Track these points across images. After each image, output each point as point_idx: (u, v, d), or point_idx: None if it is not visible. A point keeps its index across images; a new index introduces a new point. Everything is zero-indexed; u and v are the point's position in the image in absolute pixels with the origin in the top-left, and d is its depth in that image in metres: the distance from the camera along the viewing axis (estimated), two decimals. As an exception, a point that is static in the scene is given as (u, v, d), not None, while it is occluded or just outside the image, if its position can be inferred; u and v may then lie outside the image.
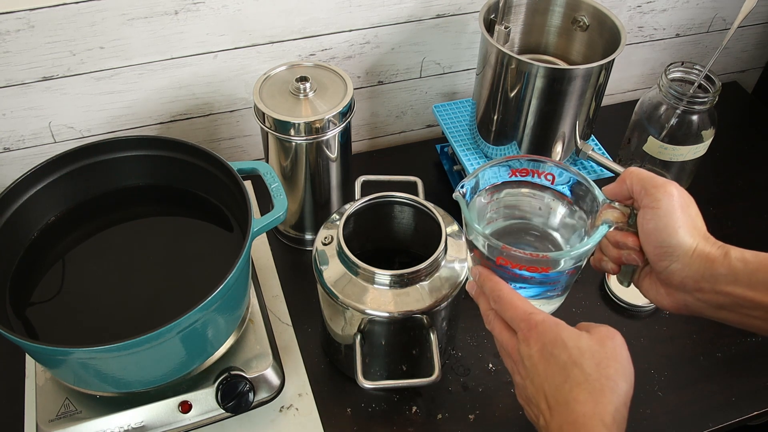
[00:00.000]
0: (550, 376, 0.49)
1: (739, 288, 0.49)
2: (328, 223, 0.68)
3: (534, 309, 0.52)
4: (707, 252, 0.50)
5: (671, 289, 0.52)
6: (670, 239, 0.50)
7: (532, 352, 0.50)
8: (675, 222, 0.50)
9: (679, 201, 0.51)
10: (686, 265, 0.50)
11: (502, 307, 0.53)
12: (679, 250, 0.50)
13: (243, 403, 0.65)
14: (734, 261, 0.49)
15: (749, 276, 0.48)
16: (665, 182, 0.52)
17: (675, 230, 0.50)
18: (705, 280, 0.50)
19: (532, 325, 0.51)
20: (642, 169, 0.54)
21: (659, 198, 0.51)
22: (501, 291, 0.53)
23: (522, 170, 0.59)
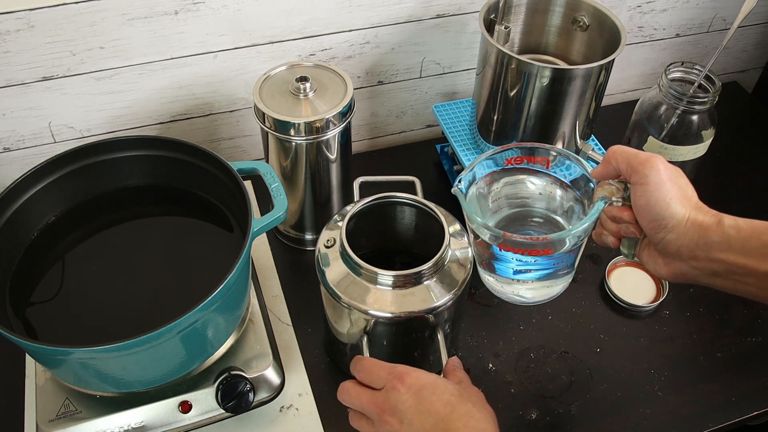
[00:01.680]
0: (434, 411, 0.51)
1: (732, 255, 0.50)
2: (330, 225, 0.68)
3: (394, 365, 0.55)
4: (700, 220, 0.51)
5: (668, 258, 0.53)
6: (662, 212, 0.51)
7: (405, 397, 0.52)
8: (665, 195, 0.51)
9: (667, 174, 0.52)
10: (681, 235, 0.51)
11: (366, 368, 0.56)
12: (673, 221, 0.51)
13: (243, 403, 0.65)
14: (727, 228, 0.50)
15: (742, 243, 0.49)
16: (649, 157, 0.52)
17: (666, 203, 0.51)
18: (699, 248, 0.50)
19: (400, 375, 0.53)
20: (624, 146, 0.54)
21: (646, 174, 0.52)
22: (362, 359, 0.57)
23: (517, 158, 0.60)
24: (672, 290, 0.82)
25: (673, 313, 0.81)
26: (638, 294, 0.81)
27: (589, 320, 0.80)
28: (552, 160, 0.59)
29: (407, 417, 0.51)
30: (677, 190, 0.51)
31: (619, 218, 0.55)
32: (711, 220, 0.51)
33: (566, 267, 0.59)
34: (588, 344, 0.78)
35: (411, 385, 0.52)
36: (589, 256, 0.87)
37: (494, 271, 0.60)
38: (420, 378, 0.53)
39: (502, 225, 0.62)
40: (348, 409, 0.58)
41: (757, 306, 0.82)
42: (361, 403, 0.55)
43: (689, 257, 0.51)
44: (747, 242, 0.49)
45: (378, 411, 0.53)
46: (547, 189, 0.61)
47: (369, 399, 0.54)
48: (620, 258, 0.85)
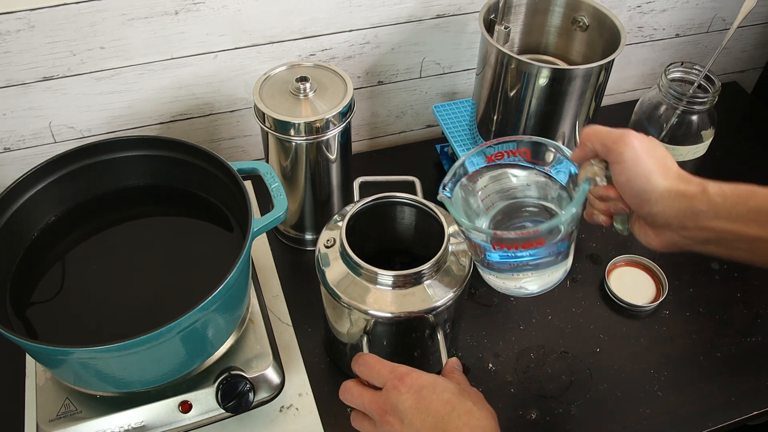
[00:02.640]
0: (434, 411, 0.51)
1: (721, 222, 0.49)
2: (330, 225, 0.68)
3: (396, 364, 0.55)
4: (684, 190, 0.50)
5: (658, 230, 0.53)
6: (644, 186, 0.51)
7: (405, 397, 0.52)
8: (643, 169, 0.51)
9: (643, 148, 0.51)
10: (666, 207, 0.51)
11: (368, 364, 0.56)
12: (655, 194, 0.51)
13: (243, 403, 0.65)
14: (713, 196, 0.49)
15: (729, 210, 0.49)
16: (623, 134, 0.52)
17: (646, 177, 0.51)
18: (687, 217, 0.50)
19: (400, 375, 0.53)
20: (598, 126, 0.54)
21: (621, 152, 0.51)
22: (364, 355, 0.57)
23: (497, 154, 0.60)
24: (672, 290, 0.82)
25: (673, 313, 0.81)
26: (638, 294, 0.81)
27: (589, 320, 0.80)
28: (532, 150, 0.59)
29: (408, 417, 0.51)
30: (655, 162, 0.51)
31: (606, 197, 0.55)
32: (695, 189, 0.50)
33: (564, 253, 0.59)
34: (588, 344, 0.78)
35: (411, 385, 0.52)
36: (589, 256, 0.87)
37: (493, 268, 0.60)
38: (420, 378, 0.53)
39: (498, 219, 0.62)
40: (350, 410, 0.58)
41: (757, 306, 0.82)
42: (363, 403, 0.55)
43: (679, 227, 0.51)
44: (734, 209, 0.49)
45: (379, 411, 0.53)
46: (533, 178, 0.61)
47: (370, 399, 0.54)
48: (620, 258, 0.85)
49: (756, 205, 0.48)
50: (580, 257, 0.86)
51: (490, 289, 0.82)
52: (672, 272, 0.84)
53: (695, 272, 0.85)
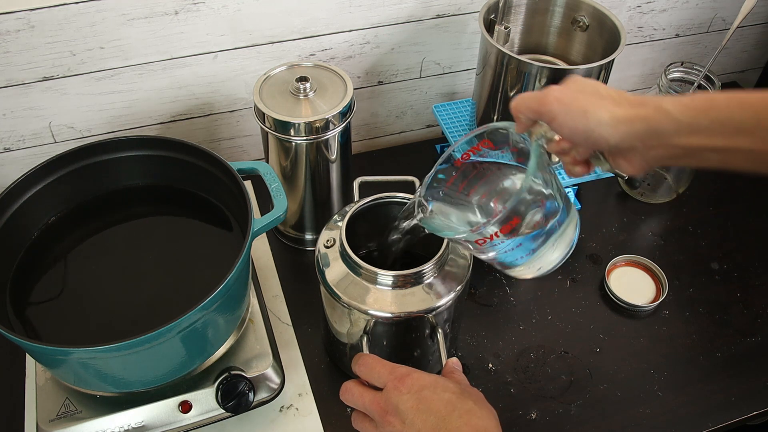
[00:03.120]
0: (435, 411, 0.51)
1: (684, 138, 0.48)
2: (329, 225, 0.68)
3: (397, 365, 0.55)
4: (634, 114, 0.49)
5: (628, 156, 0.52)
6: (587, 129, 0.50)
7: (406, 397, 0.52)
8: (578, 114, 0.50)
9: (568, 95, 0.51)
10: (623, 134, 0.50)
11: (368, 364, 0.56)
12: (603, 128, 0.50)
13: (243, 403, 0.65)
14: (672, 113, 0.48)
15: (690, 125, 0.48)
16: (544, 94, 0.52)
17: (585, 119, 0.50)
18: (651, 138, 0.49)
19: (401, 376, 0.53)
20: (521, 94, 0.54)
21: (549, 110, 0.51)
22: (365, 356, 0.57)
23: (463, 156, 0.60)
24: (672, 290, 0.82)
25: (673, 313, 0.81)
26: (638, 294, 0.81)
27: (589, 320, 0.80)
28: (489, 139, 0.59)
29: (409, 417, 0.51)
30: (587, 101, 0.50)
31: (566, 149, 0.54)
32: (647, 110, 0.49)
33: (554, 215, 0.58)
34: (588, 344, 0.78)
35: (412, 385, 0.52)
36: (589, 256, 0.87)
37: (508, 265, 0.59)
38: (421, 378, 0.53)
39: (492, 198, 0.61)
40: (351, 410, 0.58)
41: (757, 306, 0.82)
42: (364, 404, 0.55)
43: (645, 149, 0.50)
44: (695, 122, 0.47)
45: (380, 412, 0.53)
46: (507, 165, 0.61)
47: (371, 399, 0.54)
48: (620, 258, 0.85)
49: (717, 116, 0.47)
50: (580, 257, 0.87)
51: (490, 289, 0.83)
52: (672, 272, 0.84)
53: (695, 272, 0.85)
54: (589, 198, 0.94)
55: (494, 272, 0.84)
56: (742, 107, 0.46)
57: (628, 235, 0.90)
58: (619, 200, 0.94)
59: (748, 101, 0.46)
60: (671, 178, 0.91)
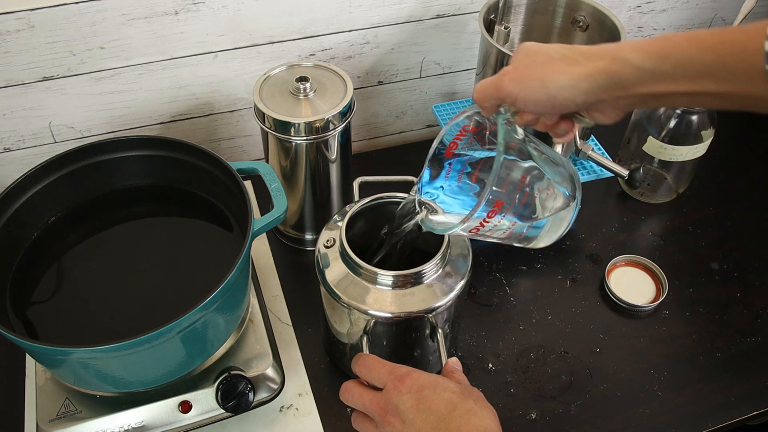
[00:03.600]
0: (435, 410, 0.51)
1: (649, 86, 0.47)
2: (329, 225, 0.68)
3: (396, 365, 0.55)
4: (592, 68, 0.48)
5: (599, 109, 0.52)
6: (550, 96, 0.50)
7: (406, 397, 0.52)
8: (537, 87, 0.50)
9: (522, 72, 0.50)
10: (586, 93, 0.49)
11: (368, 365, 0.56)
12: (565, 92, 0.49)
13: (243, 403, 0.65)
14: (633, 61, 0.47)
15: (652, 72, 0.47)
16: (500, 79, 0.51)
17: (545, 90, 0.50)
18: (614, 89, 0.48)
19: (401, 376, 0.53)
20: (479, 83, 0.53)
21: (508, 93, 0.51)
22: (365, 356, 0.57)
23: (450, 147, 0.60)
24: (672, 290, 0.82)
25: (673, 313, 0.81)
26: (638, 294, 0.81)
27: (589, 320, 0.80)
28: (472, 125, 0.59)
29: (409, 417, 0.51)
30: (541, 70, 0.50)
31: (530, 120, 0.54)
32: (605, 62, 0.48)
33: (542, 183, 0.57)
34: (588, 344, 0.78)
35: (412, 385, 0.52)
36: (589, 256, 0.87)
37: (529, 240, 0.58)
38: (421, 378, 0.53)
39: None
40: (352, 410, 0.58)
41: (756, 306, 0.82)
42: (364, 404, 0.55)
43: (614, 99, 0.49)
44: (657, 69, 0.46)
45: (380, 412, 0.53)
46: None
47: (371, 400, 0.54)
48: (620, 258, 0.85)
49: (678, 60, 0.46)
50: (580, 257, 0.87)
51: (490, 289, 0.83)
52: (672, 272, 0.84)
53: (695, 272, 0.85)
54: (589, 198, 0.94)
55: (494, 272, 0.84)
56: (703, 50, 0.44)
57: (628, 235, 0.90)
58: (619, 200, 0.94)
59: (708, 42, 0.44)
60: (671, 178, 0.91)
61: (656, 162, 0.88)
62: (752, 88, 0.42)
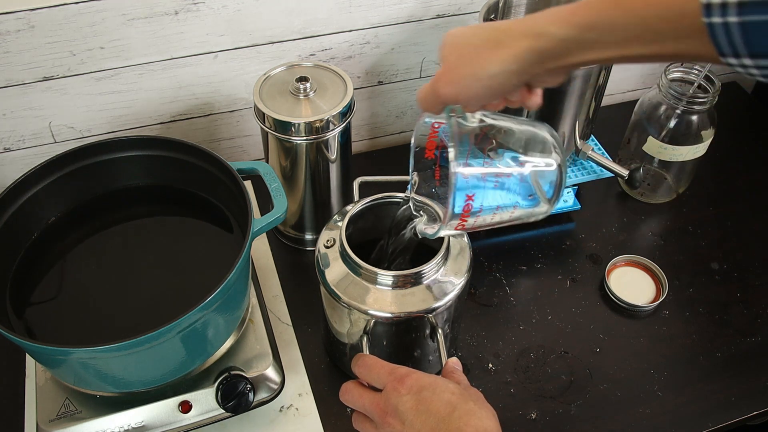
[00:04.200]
0: (435, 411, 0.51)
1: (579, 55, 0.46)
2: (330, 225, 0.68)
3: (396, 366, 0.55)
4: (518, 49, 0.47)
5: (540, 79, 0.50)
6: (487, 87, 0.49)
7: (405, 398, 0.52)
8: (471, 83, 0.49)
9: (453, 72, 0.49)
10: (519, 73, 0.48)
11: (368, 365, 0.56)
12: (499, 79, 0.48)
13: (243, 403, 0.65)
14: (558, 35, 0.45)
15: (579, 42, 0.45)
16: (435, 87, 0.51)
17: (480, 83, 0.49)
18: (545, 63, 0.47)
19: (400, 377, 0.53)
20: (418, 92, 0.53)
21: (447, 97, 0.51)
22: (364, 356, 0.57)
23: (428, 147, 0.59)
24: (672, 290, 0.82)
25: (673, 313, 0.81)
26: (638, 294, 0.81)
27: (589, 320, 0.80)
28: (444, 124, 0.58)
29: (409, 418, 0.51)
30: (470, 64, 0.49)
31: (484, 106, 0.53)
32: (530, 40, 0.46)
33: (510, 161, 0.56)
34: (588, 344, 0.78)
35: (411, 386, 0.52)
36: (589, 256, 0.87)
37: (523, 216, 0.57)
38: (420, 379, 0.53)
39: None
40: (352, 411, 0.58)
41: (757, 306, 0.82)
42: (363, 405, 0.55)
43: (547, 70, 0.48)
44: (583, 38, 0.45)
45: (380, 413, 0.53)
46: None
47: (371, 401, 0.54)
48: (620, 258, 0.85)
49: (603, 28, 0.44)
50: (580, 257, 0.87)
51: (490, 289, 0.83)
52: (672, 272, 0.84)
53: (695, 272, 0.85)
54: (589, 198, 0.94)
55: (494, 272, 0.85)
56: (626, 14, 0.43)
57: (628, 235, 0.90)
58: (619, 200, 0.94)
59: (629, 5, 0.43)
60: (671, 178, 0.91)
61: (656, 162, 0.88)
62: (684, 47, 0.41)
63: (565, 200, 0.89)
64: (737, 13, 0.36)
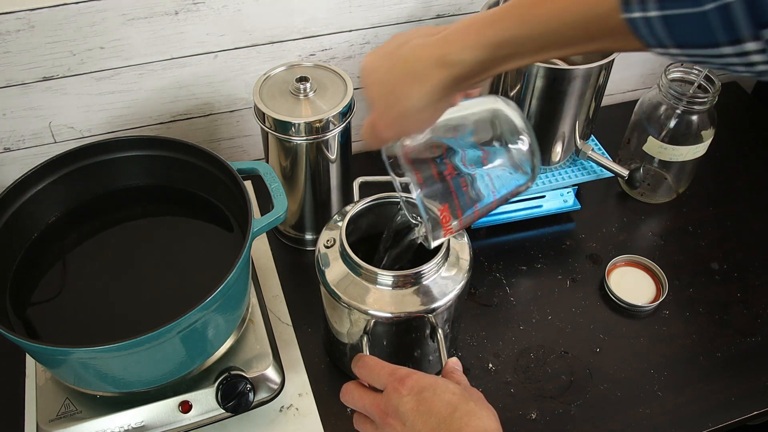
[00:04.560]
0: (436, 412, 0.51)
1: (495, 69, 0.46)
2: (330, 225, 0.68)
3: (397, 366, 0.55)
4: (437, 82, 0.46)
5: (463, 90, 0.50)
6: (419, 121, 0.49)
7: (406, 399, 0.52)
8: (402, 121, 0.49)
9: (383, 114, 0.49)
10: (443, 101, 0.48)
11: (368, 366, 0.56)
12: (426, 111, 0.48)
13: (243, 403, 0.65)
14: (470, 61, 0.45)
15: (493, 59, 0.44)
16: (374, 131, 0.51)
17: (408, 121, 0.49)
18: (466, 82, 0.47)
19: (401, 378, 0.53)
20: (361, 135, 0.53)
21: (389, 137, 0.51)
22: (365, 357, 0.57)
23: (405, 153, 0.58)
24: (672, 290, 0.82)
25: (673, 313, 0.81)
26: (638, 294, 0.81)
27: (589, 320, 0.80)
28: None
29: (410, 419, 0.51)
30: (397, 103, 0.48)
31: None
32: (443, 71, 0.46)
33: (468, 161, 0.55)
34: (588, 344, 0.78)
35: (412, 387, 0.52)
36: (589, 256, 0.87)
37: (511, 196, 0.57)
38: (421, 380, 0.53)
39: None
40: (352, 411, 0.58)
41: (757, 306, 0.82)
42: (364, 406, 0.55)
43: (471, 84, 0.48)
44: (495, 56, 0.44)
45: (380, 414, 0.53)
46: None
47: (371, 401, 0.54)
48: (620, 258, 0.85)
49: (512, 46, 0.43)
50: (580, 257, 0.87)
51: (490, 289, 0.83)
52: (672, 272, 0.84)
53: (695, 272, 0.85)
54: (589, 198, 0.94)
55: (494, 272, 0.84)
56: (536, 27, 0.42)
57: (628, 235, 0.90)
58: (619, 200, 0.94)
59: (538, 18, 0.42)
60: (671, 178, 0.91)
61: (656, 162, 0.88)
62: (605, 44, 0.41)
63: (565, 200, 0.89)
64: (658, 7, 0.35)
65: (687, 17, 0.34)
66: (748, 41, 0.32)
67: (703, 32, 0.33)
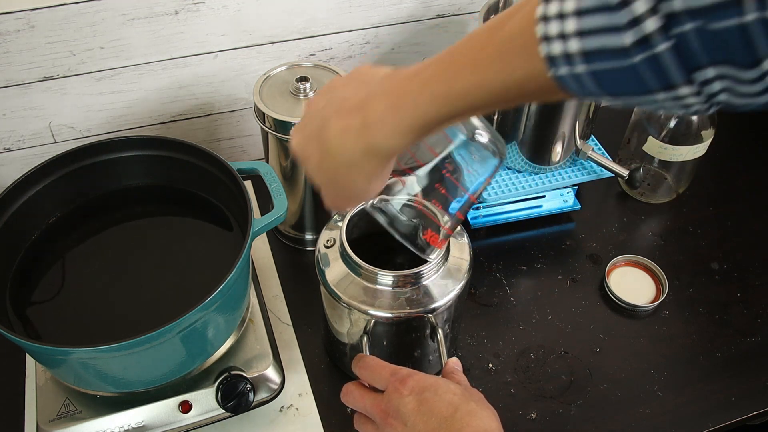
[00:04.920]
0: (437, 413, 0.51)
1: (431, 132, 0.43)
2: (330, 225, 0.68)
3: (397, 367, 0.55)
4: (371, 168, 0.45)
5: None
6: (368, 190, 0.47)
7: (407, 400, 0.52)
8: (353, 200, 0.49)
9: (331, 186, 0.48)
10: (389, 170, 0.47)
11: (369, 366, 0.56)
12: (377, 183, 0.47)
13: (243, 403, 0.65)
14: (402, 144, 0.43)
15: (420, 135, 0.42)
16: (328, 203, 0.51)
17: (363, 197, 0.48)
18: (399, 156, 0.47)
19: (402, 378, 0.53)
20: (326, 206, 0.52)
21: (346, 207, 0.52)
22: (365, 357, 0.57)
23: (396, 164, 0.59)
24: (672, 290, 0.82)
25: (673, 313, 0.81)
26: (638, 294, 0.81)
27: (589, 320, 0.80)
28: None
29: (411, 419, 0.51)
30: (343, 189, 0.47)
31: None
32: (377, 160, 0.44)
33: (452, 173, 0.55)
34: (588, 344, 0.78)
35: (413, 387, 0.52)
36: (589, 256, 0.87)
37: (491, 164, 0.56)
38: (422, 380, 0.53)
39: None
40: (353, 411, 0.58)
41: (757, 306, 0.82)
42: (365, 406, 0.55)
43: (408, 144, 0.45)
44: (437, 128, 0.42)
45: (381, 414, 0.53)
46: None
47: (372, 402, 0.54)
48: (620, 258, 0.85)
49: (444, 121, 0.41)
50: (580, 257, 0.87)
51: (490, 289, 0.83)
52: (672, 272, 0.84)
53: (695, 272, 0.85)
54: (589, 198, 0.94)
55: (494, 272, 0.84)
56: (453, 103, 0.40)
57: (628, 235, 0.90)
58: (619, 200, 0.94)
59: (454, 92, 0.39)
60: (671, 178, 0.91)
61: (656, 162, 0.88)
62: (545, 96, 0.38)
63: (565, 200, 0.89)
64: (584, 62, 0.33)
65: (616, 71, 0.33)
66: (682, 86, 0.31)
67: (634, 82, 0.32)
